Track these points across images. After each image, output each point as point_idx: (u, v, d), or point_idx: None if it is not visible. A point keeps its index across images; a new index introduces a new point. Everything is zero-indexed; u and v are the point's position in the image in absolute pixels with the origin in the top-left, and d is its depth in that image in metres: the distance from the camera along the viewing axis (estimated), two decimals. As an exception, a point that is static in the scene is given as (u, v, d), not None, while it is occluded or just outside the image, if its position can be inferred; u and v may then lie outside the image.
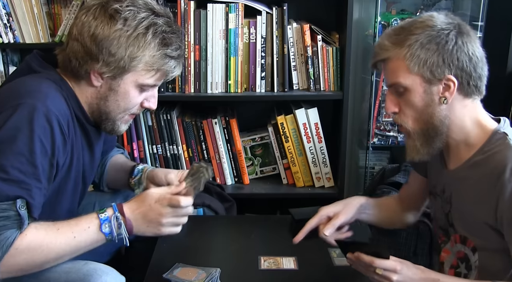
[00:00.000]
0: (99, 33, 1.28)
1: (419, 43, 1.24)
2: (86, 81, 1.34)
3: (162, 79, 1.39)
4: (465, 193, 1.32)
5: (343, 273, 1.38)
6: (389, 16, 2.41)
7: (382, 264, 1.22)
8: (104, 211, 1.29)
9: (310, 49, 2.19)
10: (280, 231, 1.71)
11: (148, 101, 1.42)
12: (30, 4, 2.20)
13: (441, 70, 1.24)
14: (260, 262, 1.49)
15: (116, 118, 1.40)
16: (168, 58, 1.34)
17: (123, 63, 1.30)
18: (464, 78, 1.25)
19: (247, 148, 2.37)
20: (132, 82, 1.34)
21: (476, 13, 2.36)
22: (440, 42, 1.24)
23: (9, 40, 2.23)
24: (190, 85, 2.20)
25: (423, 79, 1.26)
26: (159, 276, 1.36)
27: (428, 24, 1.26)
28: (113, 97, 1.35)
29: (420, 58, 1.24)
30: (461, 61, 1.24)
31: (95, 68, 1.30)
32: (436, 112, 1.28)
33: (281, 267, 1.47)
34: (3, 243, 1.16)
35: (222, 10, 2.14)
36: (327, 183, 2.30)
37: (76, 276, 1.27)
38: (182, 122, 2.26)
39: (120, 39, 1.28)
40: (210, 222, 1.83)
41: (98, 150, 1.51)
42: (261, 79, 2.21)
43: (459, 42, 1.25)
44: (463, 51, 1.25)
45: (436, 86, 1.26)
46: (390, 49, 1.28)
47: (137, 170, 1.64)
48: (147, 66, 1.33)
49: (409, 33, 1.26)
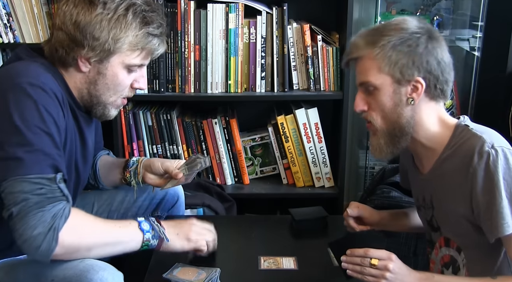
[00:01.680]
0: (81, 20, 1.31)
1: (391, 44, 1.27)
2: (75, 68, 1.37)
3: (148, 58, 1.42)
4: (442, 191, 1.34)
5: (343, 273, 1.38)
6: (389, 16, 2.41)
7: (376, 252, 1.23)
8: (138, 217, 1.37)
9: (310, 49, 2.19)
10: (280, 231, 1.71)
11: (138, 82, 1.44)
12: (30, 4, 2.20)
13: (411, 71, 1.28)
14: (260, 262, 1.49)
15: (107, 102, 1.42)
16: (151, 36, 1.37)
17: (108, 46, 1.33)
18: (432, 81, 1.29)
19: (247, 148, 2.37)
20: (119, 64, 1.37)
21: (476, 13, 2.36)
22: (411, 44, 1.27)
23: (9, 40, 2.23)
24: (190, 85, 2.20)
25: (393, 80, 1.29)
26: (159, 276, 1.36)
27: (402, 27, 1.29)
28: (102, 81, 1.38)
29: (391, 59, 1.27)
30: (430, 65, 1.28)
31: (81, 54, 1.33)
32: (403, 112, 1.31)
33: (281, 267, 1.47)
34: (61, 213, 1.20)
35: (222, 10, 2.14)
36: (327, 183, 2.30)
37: (73, 272, 1.26)
38: (182, 122, 2.26)
39: (102, 23, 1.32)
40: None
41: (89, 140, 1.51)
42: (261, 79, 2.21)
43: (429, 46, 1.28)
44: (432, 55, 1.28)
45: (404, 87, 1.29)
46: (363, 48, 1.31)
47: (132, 161, 1.66)
48: (132, 47, 1.36)
49: (383, 34, 1.29)
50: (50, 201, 1.20)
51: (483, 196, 1.21)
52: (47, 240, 1.18)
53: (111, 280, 1.26)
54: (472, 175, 1.22)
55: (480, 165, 1.21)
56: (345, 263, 1.27)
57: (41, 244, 1.17)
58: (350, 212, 1.55)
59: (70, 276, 1.26)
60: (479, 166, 1.21)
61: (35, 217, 1.17)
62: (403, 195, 1.91)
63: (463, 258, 1.32)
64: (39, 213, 1.17)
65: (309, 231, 1.69)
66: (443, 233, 1.37)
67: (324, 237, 1.65)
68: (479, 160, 1.21)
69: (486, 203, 1.21)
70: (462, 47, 2.51)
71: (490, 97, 2.38)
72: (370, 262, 1.22)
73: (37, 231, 1.17)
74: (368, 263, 1.22)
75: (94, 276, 1.24)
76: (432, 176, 1.35)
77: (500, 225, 1.19)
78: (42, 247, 1.17)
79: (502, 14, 2.28)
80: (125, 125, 2.22)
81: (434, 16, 2.41)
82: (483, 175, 1.21)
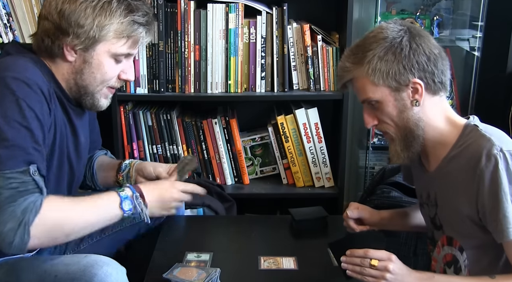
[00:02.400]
0: (66, 8, 1.32)
1: (376, 57, 1.28)
2: (61, 57, 1.37)
3: (135, 48, 1.42)
4: (447, 189, 1.34)
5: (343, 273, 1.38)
6: (389, 16, 2.41)
7: (376, 253, 1.23)
8: (122, 190, 1.38)
9: (310, 49, 2.19)
10: (280, 231, 1.71)
11: (125, 73, 1.44)
12: (30, 4, 2.20)
13: (405, 76, 1.28)
14: (260, 262, 1.49)
15: (95, 91, 1.42)
16: (136, 24, 1.38)
17: (93, 33, 1.33)
18: (429, 78, 1.29)
19: (247, 148, 2.37)
20: (105, 52, 1.37)
21: (476, 13, 2.36)
22: (395, 51, 1.28)
23: (9, 40, 2.23)
24: (190, 85, 2.20)
25: (390, 89, 1.30)
26: (159, 276, 1.36)
27: (380, 37, 1.30)
28: (88, 70, 1.38)
29: (382, 71, 1.28)
30: (421, 63, 1.28)
31: (67, 42, 1.34)
32: (410, 116, 1.32)
33: (281, 267, 1.47)
34: (31, 207, 1.20)
35: (222, 10, 2.14)
36: (327, 183, 2.30)
37: (77, 268, 1.27)
38: (182, 122, 2.26)
39: (86, 10, 1.32)
40: (210, 222, 1.83)
41: (81, 134, 1.51)
42: (261, 79, 2.21)
43: (413, 45, 1.28)
44: (420, 53, 1.28)
45: (404, 92, 1.30)
46: (352, 69, 1.33)
47: (124, 165, 1.67)
48: (117, 34, 1.36)
49: (365, 49, 1.30)
50: (21, 194, 1.21)
51: (489, 199, 1.21)
52: (19, 235, 1.19)
53: (115, 274, 1.27)
54: (479, 176, 1.22)
55: (488, 168, 1.21)
56: (345, 263, 1.27)
57: (13, 239, 1.18)
58: (350, 214, 1.56)
59: (74, 271, 1.27)
60: (486, 168, 1.21)
61: (6, 212, 1.18)
62: (403, 195, 1.91)
63: (465, 259, 1.32)
64: (10, 208, 1.19)
65: (309, 231, 1.69)
66: (445, 231, 1.37)
67: (324, 237, 1.65)
68: (487, 162, 1.21)
69: (491, 206, 1.21)
70: (462, 47, 2.51)
71: (490, 97, 2.38)
72: (370, 263, 1.22)
73: (8, 226, 1.18)
74: (368, 264, 1.22)
75: (98, 271, 1.25)
76: (438, 174, 1.36)
77: (506, 229, 1.19)
78: (15, 242, 1.19)
79: (502, 14, 2.28)
80: (125, 125, 2.22)
81: (434, 16, 2.41)
82: (490, 178, 1.20)
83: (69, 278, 1.27)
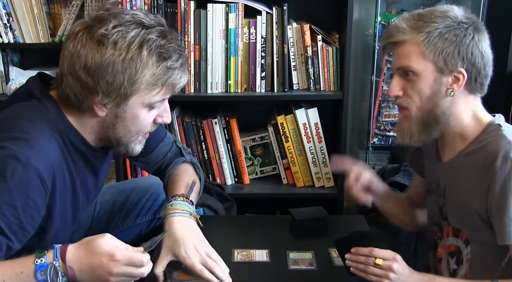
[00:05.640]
0: (92, 64, 1.19)
1: (438, 31, 1.26)
2: (90, 113, 1.26)
3: (170, 93, 1.29)
4: (458, 183, 1.33)
5: (343, 273, 1.38)
6: (389, 16, 2.41)
7: (381, 252, 1.22)
8: (42, 255, 1.11)
9: (310, 49, 2.19)
10: (280, 231, 1.71)
11: (161, 116, 1.33)
12: (30, 4, 2.20)
13: (455, 61, 1.26)
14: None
15: (129, 142, 1.32)
16: (171, 70, 1.25)
17: (124, 90, 1.21)
18: (474, 73, 1.28)
19: (247, 148, 2.37)
20: (139, 104, 1.26)
21: (476, 13, 2.35)
22: (459, 34, 1.26)
23: (9, 40, 2.23)
24: (190, 85, 2.20)
25: (435, 68, 1.27)
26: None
27: (449, 15, 1.28)
28: (121, 124, 1.27)
29: (437, 46, 1.26)
30: (475, 57, 1.27)
31: (96, 101, 1.22)
32: (440, 103, 1.29)
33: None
34: None
35: (222, 10, 2.14)
36: (327, 183, 2.30)
37: None
38: (182, 122, 2.26)
39: (114, 65, 1.19)
40: (210, 222, 1.83)
41: (102, 173, 1.46)
42: (261, 79, 2.21)
43: (475, 38, 1.27)
44: (478, 48, 1.27)
45: (446, 77, 1.28)
46: (408, 32, 1.28)
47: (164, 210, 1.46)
48: (150, 86, 1.24)
49: (429, 20, 1.27)
50: None
51: (498, 200, 1.21)
52: None
53: None
54: (491, 176, 1.22)
55: (502, 169, 1.20)
56: (349, 261, 1.26)
57: None
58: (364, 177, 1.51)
59: None
60: (500, 169, 1.20)
61: None
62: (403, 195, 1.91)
63: (468, 253, 1.32)
64: None
65: (309, 231, 1.69)
66: (451, 223, 1.37)
67: (324, 237, 1.65)
68: (503, 164, 1.20)
69: (499, 207, 1.21)
70: (462, 47, 2.51)
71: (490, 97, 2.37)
72: (374, 262, 1.22)
73: None
74: (372, 262, 1.22)
75: None
76: (451, 166, 1.35)
77: (509, 232, 1.20)
78: None
79: (502, 14, 2.28)
80: (125, 125, 2.21)
81: (434, 16, 2.40)
82: (502, 181, 1.20)
83: None
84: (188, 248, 1.34)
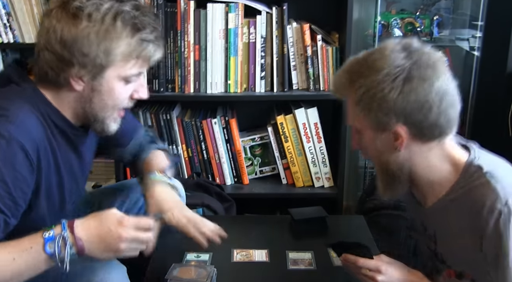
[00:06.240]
0: (67, 37, 1.20)
1: (364, 87, 1.14)
2: (67, 88, 1.27)
3: (145, 66, 1.31)
4: (449, 230, 1.24)
5: (343, 273, 1.38)
6: (389, 16, 2.41)
7: (365, 263, 1.24)
8: (50, 229, 1.14)
9: (309, 49, 2.19)
10: (280, 231, 1.71)
11: (137, 92, 1.34)
12: (30, 4, 2.20)
13: (387, 119, 1.14)
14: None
15: (105, 117, 1.33)
16: (145, 42, 1.26)
17: (100, 61, 1.22)
18: (414, 127, 1.15)
19: (247, 148, 2.36)
20: (115, 77, 1.27)
21: (476, 13, 2.36)
22: (384, 89, 1.12)
23: (9, 40, 2.23)
24: (189, 85, 2.20)
25: (371, 126, 1.17)
26: (159, 277, 1.36)
27: (377, 66, 1.14)
28: (98, 98, 1.28)
29: (365, 104, 1.15)
30: (408, 110, 1.13)
31: (72, 73, 1.23)
32: (391, 159, 1.19)
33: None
34: None
35: (222, 10, 2.14)
36: (326, 183, 2.30)
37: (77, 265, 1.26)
38: (181, 122, 2.26)
39: (89, 37, 1.20)
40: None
41: (87, 155, 1.45)
42: (260, 79, 2.20)
43: (405, 89, 1.11)
44: (409, 100, 1.12)
45: (385, 134, 1.17)
46: (343, 88, 1.20)
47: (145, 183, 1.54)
48: (126, 57, 1.25)
49: (360, 73, 1.16)
50: None
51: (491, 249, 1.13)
52: None
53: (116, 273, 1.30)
54: (481, 226, 1.13)
55: (490, 221, 1.11)
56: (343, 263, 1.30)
57: None
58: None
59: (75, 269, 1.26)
60: (488, 222, 1.11)
61: None
62: (402, 195, 1.90)
63: None
64: None
65: (308, 231, 1.69)
66: (452, 266, 1.26)
67: (324, 237, 1.65)
68: (489, 215, 1.11)
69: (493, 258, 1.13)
70: (462, 47, 2.51)
71: (490, 97, 2.37)
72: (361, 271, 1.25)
73: None
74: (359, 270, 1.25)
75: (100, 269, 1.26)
76: (437, 212, 1.24)
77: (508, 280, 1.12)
78: None
79: (502, 14, 2.28)
80: (125, 125, 2.21)
81: (434, 16, 2.40)
82: (492, 232, 1.12)
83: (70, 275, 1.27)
84: (172, 208, 1.42)
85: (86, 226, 1.15)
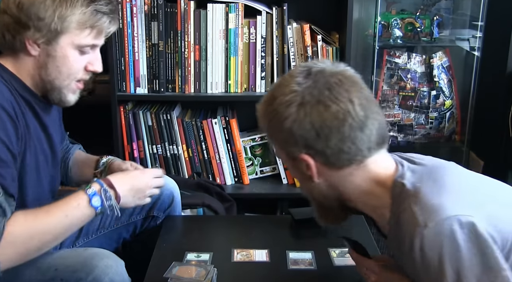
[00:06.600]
0: (25, 1, 1.27)
1: (267, 119, 1.11)
2: (24, 52, 1.32)
3: (100, 38, 1.37)
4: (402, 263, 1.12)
5: (343, 273, 1.39)
6: (389, 16, 2.41)
7: (363, 262, 1.25)
8: (89, 187, 1.32)
9: (310, 49, 2.19)
10: (280, 231, 1.71)
11: (92, 64, 1.38)
12: None
13: (290, 149, 1.07)
14: (259, 262, 1.49)
15: (62, 86, 1.36)
16: (99, 13, 1.32)
17: (55, 25, 1.28)
18: (320, 155, 1.05)
19: (247, 148, 2.37)
20: (69, 44, 1.32)
21: (476, 13, 2.36)
22: (279, 119, 1.06)
23: None
24: (190, 85, 2.20)
25: (286, 156, 1.11)
26: (159, 276, 1.36)
27: (275, 94, 1.08)
28: (52, 64, 1.33)
29: (271, 135, 1.12)
30: (306, 138, 1.04)
31: (28, 36, 1.29)
32: (311, 187, 1.12)
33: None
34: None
35: (222, 10, 2.14)
36: (327, 183, 2.30)
37: (77, 260, 1.29)
38: (182, 122, 2.26)
39: (46, 2, 1.27)
40: (210, 222, 1.83)
41: (53, 131, 1.47)
42: (261, 79, 2.21)
43: (300, 116, 1.03)
44: (305, 127, 1.03)
45: (297, 163, 1.09)
46: (259, 119, 1.16)
47: (102, 163, 1.63)
48: (80, 25, 1.31)
49: (267, 103, 1.11)
50: None
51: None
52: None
53: (115, 267, 1.31)
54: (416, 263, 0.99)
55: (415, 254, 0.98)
56: None
57: None
58: None
59: (74, 264, 1.29)
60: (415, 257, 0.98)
61: None
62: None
63: None
64: None
65: (309, 231, 1.69)
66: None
67: (324, 237, 1.65)
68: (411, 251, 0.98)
69: None
70: (462, 47, 2.51)
71: (490, 97, 2.38)
72: None
73: None
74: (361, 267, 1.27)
75: (99, 263, 1.28)
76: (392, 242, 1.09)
77: None
78: None
79: (502, 14, 2.28)
80: (125, 125, 2.22)
81: (434, 16, 2.40)
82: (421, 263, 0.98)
83: (70, 271, 1.28)
84: None
85: (120, 182, 1.37)
